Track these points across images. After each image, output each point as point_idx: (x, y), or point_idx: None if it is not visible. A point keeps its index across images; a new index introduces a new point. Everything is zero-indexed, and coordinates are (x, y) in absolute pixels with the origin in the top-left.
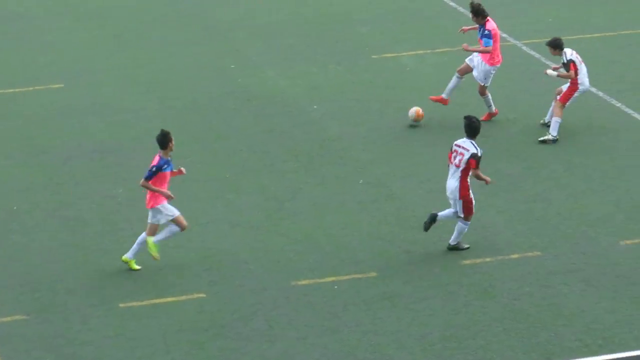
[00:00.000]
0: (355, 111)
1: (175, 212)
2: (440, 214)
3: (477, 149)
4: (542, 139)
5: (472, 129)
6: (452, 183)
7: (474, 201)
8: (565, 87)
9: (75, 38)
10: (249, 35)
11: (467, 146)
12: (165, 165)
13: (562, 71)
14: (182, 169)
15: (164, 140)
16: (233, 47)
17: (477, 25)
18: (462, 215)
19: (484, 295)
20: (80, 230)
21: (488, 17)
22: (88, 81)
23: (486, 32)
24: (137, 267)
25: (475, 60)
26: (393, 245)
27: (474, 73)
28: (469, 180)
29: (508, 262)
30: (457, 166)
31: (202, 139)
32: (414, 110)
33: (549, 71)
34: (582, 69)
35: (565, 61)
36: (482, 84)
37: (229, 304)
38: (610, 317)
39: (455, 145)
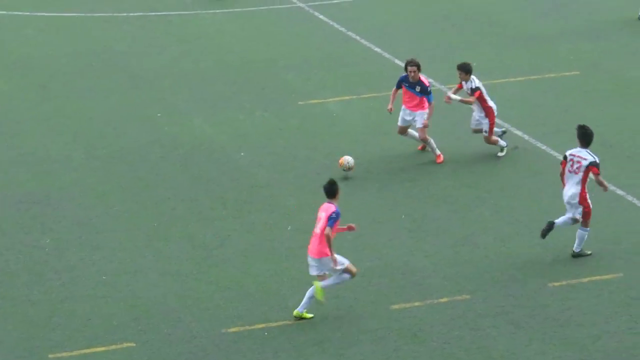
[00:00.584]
0: (283, 158)
1: (345, 261)
2: (557, 221)
3: (594, 157)
4: (498, 154)
5: (585, 137)
6: (571, 189)
7: (591, 206)
8: (484, 125)
9: None
10: (174, 83)
11: (583, 155)
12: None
13: (466, 97)
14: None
15: (333, 189)
16: (159, 96)
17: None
18: (581, 219)
19: (414, 340)
20: (7, 281)
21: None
22: (13, 131)
23: (425, 87)
24: (309, 315)
25: (411, 117)
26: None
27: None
28: (586, 188)
29: (437, 306)
30: (576, 173)
31: (129, 188)
32: (349, 163)
33: (452, 95)
34: (485, 92)
35: (473, 87)
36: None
37: (159, 353)
38: (540, 359)
39: (570, 154)
